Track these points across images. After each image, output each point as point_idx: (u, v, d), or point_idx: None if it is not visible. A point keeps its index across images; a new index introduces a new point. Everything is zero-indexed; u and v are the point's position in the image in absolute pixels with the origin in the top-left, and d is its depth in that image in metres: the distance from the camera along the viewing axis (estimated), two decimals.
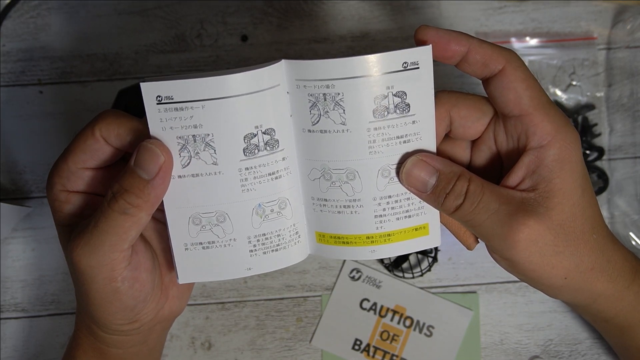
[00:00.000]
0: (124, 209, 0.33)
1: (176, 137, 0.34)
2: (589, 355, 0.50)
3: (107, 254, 0.33)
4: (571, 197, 0.34)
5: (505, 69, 0.33)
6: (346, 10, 0.55)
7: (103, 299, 0.35)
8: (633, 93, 0.52)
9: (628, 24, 0.53)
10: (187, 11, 0.55)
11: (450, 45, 0.34)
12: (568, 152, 0.33)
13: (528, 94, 0.33)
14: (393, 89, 0.34)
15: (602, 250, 0.35)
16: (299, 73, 0.34)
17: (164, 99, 0.32)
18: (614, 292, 0.37)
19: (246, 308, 0.51)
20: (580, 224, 0.34)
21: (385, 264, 0.51)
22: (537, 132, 0.33)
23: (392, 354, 0.50)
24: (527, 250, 0.33)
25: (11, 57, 0.55)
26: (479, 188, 0.34)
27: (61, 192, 0.36)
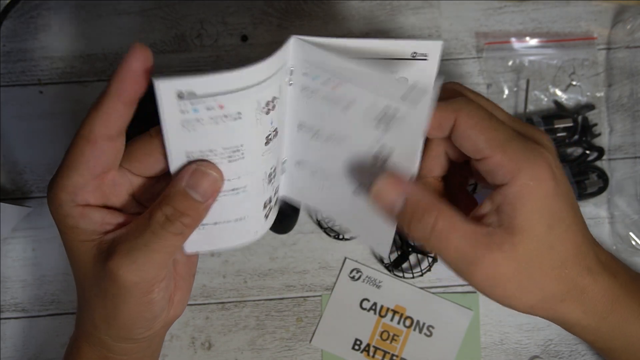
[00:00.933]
0: (180, 231, 0.33)
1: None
2: (589, 355, 0.50)
3: (155, 271, 0.34)
4: (535, 235, 0.34)
5: (456, 122, 0.34)
6: (346, 10, 0.55)
7: (136, 310, 0.35)
8: (633, 93, 0.53)
9: (628, 24, 0.53)
10: (187, 11, 0.55)
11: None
12: (528, 189, 0.33)
13: (483, 137, 0.34)
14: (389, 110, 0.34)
15: (575, 282, 0.35)
16: (308, 55, 0.33)
17: (186, 95, 0.31)
18: (590, 322, 0.37)
19: (246, 308, 0.51)
20: (548, 260, 0.34)
21: (386, 264, 0.51)
22: (498, 172, 0.34)
23: (392, 354, 0.50)
24: (490, 285, 0.34)
25: (11, 57, 0.55)
26: (447, 226, 0.34)
27: (74, 208, 0.34)
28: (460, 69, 0.55)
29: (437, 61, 0.35)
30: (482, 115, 0.34)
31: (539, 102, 0.54)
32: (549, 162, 0.34)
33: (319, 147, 0.37)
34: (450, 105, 0.34)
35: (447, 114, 0.34)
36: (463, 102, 0.35)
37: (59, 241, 0.52)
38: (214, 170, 0.34)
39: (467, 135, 0.34)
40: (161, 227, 0.33)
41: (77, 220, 0.35)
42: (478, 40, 0.55)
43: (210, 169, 0.33)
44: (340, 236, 0.51)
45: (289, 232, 0.52)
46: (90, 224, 0.35)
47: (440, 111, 0.34)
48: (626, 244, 0.51)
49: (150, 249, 0.33)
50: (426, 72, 0.35)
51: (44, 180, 0.53)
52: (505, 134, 0.34)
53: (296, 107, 0.36)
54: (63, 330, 0.51)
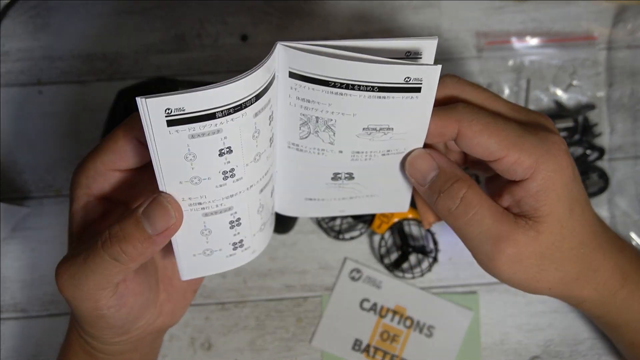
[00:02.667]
0: (116, 256, 0.31)
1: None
2: (590, 356, 0.50)
3: (91, 290, 0.33)
4: (559, 221, 0.34)
5: (460, 131, 0.34)
6: (346, 10, 0.55)
7: (89, 320, 0.35)
8: (634, 93, 0.52)
9: (628, 24, 0.53)
10: (187, 11, 0.55)
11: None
12: (551, 181, 0.34)
13: (494, 140, 0.33)
14: (387, 132, 0.34)
15: (589, 261, 0.36)
16: (291, 61, 0.32)
17: (174, 111, 0.30)
18: (600, 298, 0.38)
19: (246, 308, 0.51)
20: (568, 243, 0.35)
21: (386, 264, 0.51)
22: (517, 170, 0.34)
23: (392, 354, 0.50)
24: (512, 268, 0.35)
25: (11, 57, 0.55)
26: (476, 198, 0.34)
27: (83, 195, 0.35)
28: (461, 68, 0.54)
29: (432, 60, 0.33)
30: (487, 119, 0.34)
31: (540, 102, 0.54)
32: (564, 149, 0.34)
33: (309, 157, 0.37)
34: (451, 115, 0.34)
35: (449, 124, 0.34)
36: (464, 110, 0.34)
37: (58, 241, 0.52)
38: (175, 208, 0.32)
39: (477, 143, 0.34)
40: (102, 246, 0.32)
41: (79, 208, 0.35)
42: (478, 40, 0.55)
43: (171, 205, 0.32)
44: (340, 236, 0.51)
45: (289, 232, 0.52)
46: (82, 218, 0.35)
47: (441, 120, 0.34)
48: None
49: (87, 267, 0.32)
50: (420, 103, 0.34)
51: (43, 180, 0.53)
52: (515, 132, 0.34)
53: (285, 120, 0.35)
54: (62, 331, 0.51)
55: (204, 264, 0.37)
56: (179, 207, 0.32)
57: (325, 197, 0.40)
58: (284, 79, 0.33)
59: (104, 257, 0.32)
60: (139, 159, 0.34)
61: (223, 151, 0.31)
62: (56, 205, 0.53)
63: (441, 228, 0.52)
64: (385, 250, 0.51)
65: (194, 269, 0.37)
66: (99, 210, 0.35)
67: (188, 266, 0.36)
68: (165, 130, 0.30)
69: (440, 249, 0.51)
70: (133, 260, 0.32)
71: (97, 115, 0.54)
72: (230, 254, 0.37)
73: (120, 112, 0.50)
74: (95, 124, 0.53)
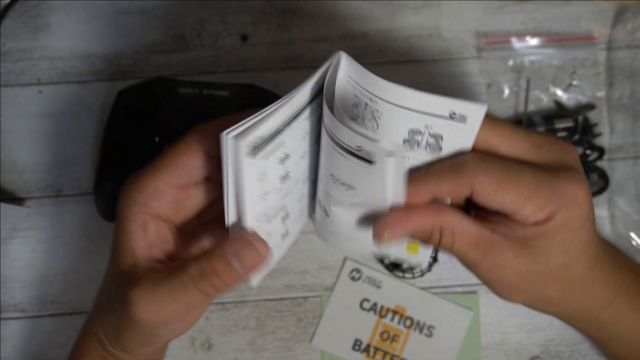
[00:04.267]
0: (207, 291, 0.32)
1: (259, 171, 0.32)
2: (590, 356, 0.50)
3: (170, 317, 0.33)
4: (548, 259, 0.33)
5: (473, 190, 0.32)
6: (346, 10, 0.55)
7: (139, 340, 0.35)
8: (634, 93, 0.52)
9: (628, 24, 0.53)
10: (187, 11, 0.55)
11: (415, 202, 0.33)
12: (557, 228, 0.32)
13: (508, 199, 0.31)
14: (431, 129, 0.32)
15: (575, 290, 0.35)
16: (352, 72, 0.32)
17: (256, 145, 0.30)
18: (583, 317, 0.37)
19: (246, 308, 0.51)
20: (554, 276, 0.34)
21: (386, 264, 0.51)
22: (528, 221, 0.32)
23: (393, 354, 0.50)
24: (488, 281, 0.35)
25: (11, 57, 0.55)
26: (448, 239, 0.33)
27: (141, 214, 0.34)
28: (461, 68, 0.54)
29: (477, 127, 0.32)
30: (501, 177, 0.31)
31: (540, 102, 0.54)
32: (584, 195, 0.32)
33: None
34: (462, 173, 0.32)
35: (461, 184, 0.32)
36: (474, 171, 0.32)
37: (58, 241, 0.52)
38: (263, 247, 0.33)
39: (492, 201, 0.32)
40: (192, 281, 0.32)
41: (137, 227, 0.34)
42: (478, 40, 0.55)
43: (260, 245, 0.33)
44: None
45: None
46: (142, 237, 0.34)
47: (452, 182, 0.32)
48: (627, 244, 0.51)
49: (173, 298, 0.32)
50: (464, 134, 0.32)
51: (43, 180, 0.53)
52: (530, 186, 0.31)
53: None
54: (62, 331, 0.51)
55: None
56: (264, 242, 0.33)
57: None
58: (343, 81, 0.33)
59: (194, 292, 0.32)
60: (203, 173, 0.34)
61: (283, 159, 0.32)
62: (56, 205, 0.53)
63: None
64: None
65: (260, 274, 0.37)
66: (157, 231, 0.35)
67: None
68: (247, 162, 0.30)
69: None
70: (219, 292, 0.33)
71: (97, 115, 0.54)
72: (279, 245, 0.37)
73: (120, 112, 0.50)
74: (95, 124, 0.53)
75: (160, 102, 0.49)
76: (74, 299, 0.52)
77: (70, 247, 0.52)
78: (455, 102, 0.31)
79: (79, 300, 0.51)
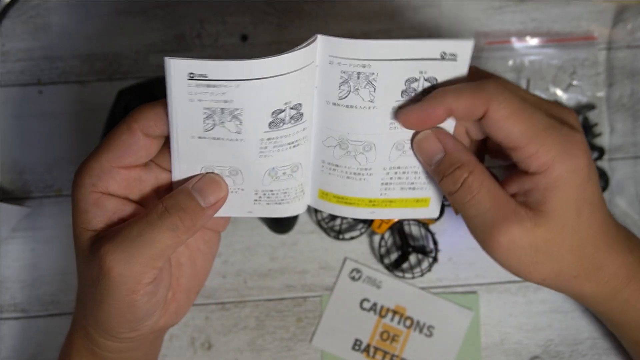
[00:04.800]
0: (175, 226, 0.33)
1: (203, 107, 0.33)
2: (590, 356, 0.50)
3: (142, 266, 0.33)
4: (561, 220, 0.34)
5: (488, 111, 0.33)
6: (346, 10, 0.55)
7: (118, 308, 0.34)
8: (634, 93, 0.52)
9: (628, 24, 0.53)
10: (187, 11, 0.55)
11: (431, 116, 0.34)
12: (563, 181, 0.33)
13: (518, 128, 0.33)
14: (425, 74, 0.34)
15: (591, 260, 0.36)
16: (334, 50, 0.33)
17: (197, 76, 0.32)
18: (602, 295, 0.38)
19: (246, 308, 0.51)
20: (568, 243, 0.35)
21: (386, 264, 0.51)
22: (532, 163, 0.33)
23: (392, 354, 0.50)
24: (505, 254, 0.34)
25: (11, 57, 0.55)
26: (476, 183, 0.34)
27: (91, 193, 0.34)
28: None
29: (467, 62, 0.34)
30: (517, 105, 0.33)
31: None
32: (584, 149, 0.34)
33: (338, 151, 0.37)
34: (482, 92, 0.33)
35: (479, 102, 0.33)
36: (495, 89, 0.33)
37: (58, 241, 0.52)
38: (223, 182, 0.35)
39: (500, 127, 0.33)
40: (158, 217, 0.33)
41: (89, 206, 0.35)
42: (478, 40, 0.55)
43: (221, 181, 0.35)
44: (340, 236, 0.51)
45: (289, 232, 0.52)
46: (99, 213, 0.35)
47: (472, 97, 0.33)
48: None
49: (142, 240, 0.33)
50: (456, 71, 0.34)
51: (43, 180, 0.53)
52: (540, 124, 0.33)
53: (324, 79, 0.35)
54: (62, 331, 0.51)
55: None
56: (225, 183, 0.35)
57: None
58: (324, 64, 0.34)
59: (162, 228, 0.33)
60: (145, 154, 0.34)
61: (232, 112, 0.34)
62: (56, 205, 0.53)
63: (441, 228, 0.52)
64: (385, 250, 0.51)
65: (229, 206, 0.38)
66: (113, 206, 0.35)
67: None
68: (186, 86, 0.33)
69: (440, 249, 0.51)
70: (187, 231, 0.33)
71: (97, 115, 0.54)
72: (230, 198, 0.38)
73: (120, 112, 0.50)
74: (95, 124, 0.53)
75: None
76: (73, 299, 0.51)
77: (70, 247, 0.52)
78: (445, 42, 0.33)
79: None
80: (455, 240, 0.39)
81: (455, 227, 0.52)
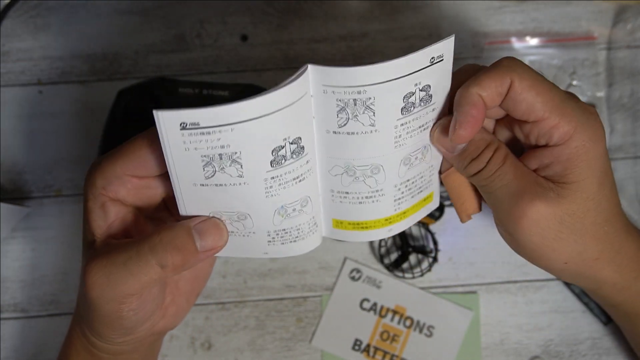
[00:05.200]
0: (163, 263, 0.32)
1: (200, 155, 0.32)
2: (590, 356, 0.50)
3: (123, 294, 0.33)
4: (585, 191, 0.34)
5: (512, 83, 0.33)
6: (346, 10, 0.55)
7: (106, 322, 0.35)
8: (633, 93, 0.52)
9: (628, 24, 0.53)
10: (187, 11, 0.55)
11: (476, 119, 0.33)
12: (584, 149, 0.33)
13: (540, 99, 0.33)
14: (420, 85, 0.34)
15: (611, 241, 0.36)
16: (326, 79, 0.33)
17: (189, 125, 0.31)
18: (621, 281, 0.37)
19: (246, 308, 0.51)
20: (591, 217, 0.34)
21: (386, 264, 0.51)
22: (554, 134, 0.33)
23: (392, 354, 0.50)
24: (529, 229, 0.34)
25: (11, 57, 0.55)
26: (501, 157, 0.35)
27: (101, 195, 0.34)
28: None
29: (451, 56, 0.34)
30: (535, 76, 0.33)
31: None
32: (600, 121, 0.34)
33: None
34: (501, 69, 0.33)
35: (504, 77, 0.33)
36: (512, 63, 0.33)
37: (58, 241, 0.52)
38: (225, 230, 0.34)
39: (523, 99, 0.33)
40: (150, 249, 0.32)
41: (96, 208, 0.35)
42: (478, 40, 0.55)
43: (224, 229, 0.34)
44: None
45: None
46: (102, 216, 0.34)
47: (495, 75, 0.33)
48: None
49: (127, 270, 0.32)
50: (444, 70, 0.34)
51: (43, 180, 0.53)
52: (559, 95, 0.33)
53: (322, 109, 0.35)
54: (62, 331, 0.51)
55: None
56: (227, 231, 0.34)
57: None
58: (318, 93, 0.34)
59: (150, 262, 0.32)
60: (160, 169, 0.34)
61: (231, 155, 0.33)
62: (56, 205, 0.53)
63: (441, 228, 0.52)
64: (385, 250, 0.51)
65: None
66: (116, 213, 0.35)
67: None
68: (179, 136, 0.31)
69: (440, 249, 0.51)
70: (175, 270, 0.32)
71: (97, 115, 0.54)
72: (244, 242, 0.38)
73: (120, 112, 0.50)
74: (95, 124, 0.53)
75: (160, 102, 0.49)
76: (74, 299, 0.51)
77: (70, 247, 0.52)
78: (433, 47, 0.33)
79: None
80: (455, 240, 0.39)
81: (455, 227, 0.52)
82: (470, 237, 0.36)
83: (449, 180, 0.38)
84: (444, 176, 0.39)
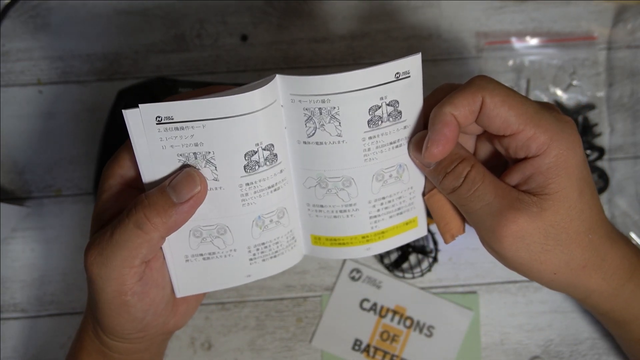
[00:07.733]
0: (140, 223, 0.33)
1: (177, 154, 0.34)
2: (590, 356, 0.50)
3: (118, 268, 0.33)
4: (566, 201, 0.34)
5: (484, 100, 0.34)
6: (346, 10, 0.55)
7: (111, 309, 0.35)
8: (633, 93, 0.52)
9: (628, 24, 0.53)
10: (187, 11, 0.55)
11: (449, 137, 0.34)
12: (563, 158, 0.34)
13: (513, 113, 0.33)
14: (386, 99, 0.35)
15: (596, 249, 0.36)
16: (293, 88, 0.34)
17: (164, 119, 0.32)
18: (608, 289, 0.38)
19: (246, 308, 0.51)
20: (575, 226, 0.35)
21: (386, 264, 0.51)
22: (531, 146, 0.34)
23: (392, 354, 0.50)
24: (515, 245, 0.34)
25: (11, 57, 0.55)
26: (479, 176, 0.35)
27: (116, 185, 0.36)
28: (460, 69, 0.54)
29: (419, 74, 0.35)
30: (506, 91, 0.34)
31: None
32: (576, 130, 0.35)
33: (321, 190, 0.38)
34: (473, 87, 0.34)
35: (475, 95, 0.34)
36: (483, 81, 0.34)
37: (58, 241, 0.52)
38: (200, 178, 0.34)
39: (496, 114, 0.34)
40: (126, 215, 0.33)
41: (111, 195, 0.36)
42: (478, 40, 0.55)
43: (198, 175, 0.34)
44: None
45: None
46: (114, 202, 0.35)
47: (467, 94, 0.34)
48: None
49: (114, 241, 0.33)
50: (412, 87, 0.35)
51: (43, 180, 0.53)
52: (532, 107, 0.34)
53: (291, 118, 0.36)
54: (62, 331, 0.51)
55: (200, 274, 0.39)
56: (204, 178, 0.34)
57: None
58: (287, 103, 0.35)
59: (129, 226, 0.33)
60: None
61: (205, 155, 0.35)
62: (56, 205, 0.53)
63: None
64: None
65: (189, 285, 0.39)
66: (125, 200, 0.36)
67: (182, 281, 0.38)
68: (156, 131, 0.34)
69: (440, 249, 0.51)
70: (156, 228, 0.33)
71: (97, 115, 0.54)
72: (226, 264, 0.39)
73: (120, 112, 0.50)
74: (95, 124, 0.53)
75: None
76: (74, 299, 0.52)
77: (70, 247, 0.52)
78: (396, 63, 0.34)
79: (79, 300, 0.51)
80: (455, 240, 0.39)
81: None
82: (470, 237, 0.36)
83: (432, 201, 0.39)
84: (427, 197, 0.39)
